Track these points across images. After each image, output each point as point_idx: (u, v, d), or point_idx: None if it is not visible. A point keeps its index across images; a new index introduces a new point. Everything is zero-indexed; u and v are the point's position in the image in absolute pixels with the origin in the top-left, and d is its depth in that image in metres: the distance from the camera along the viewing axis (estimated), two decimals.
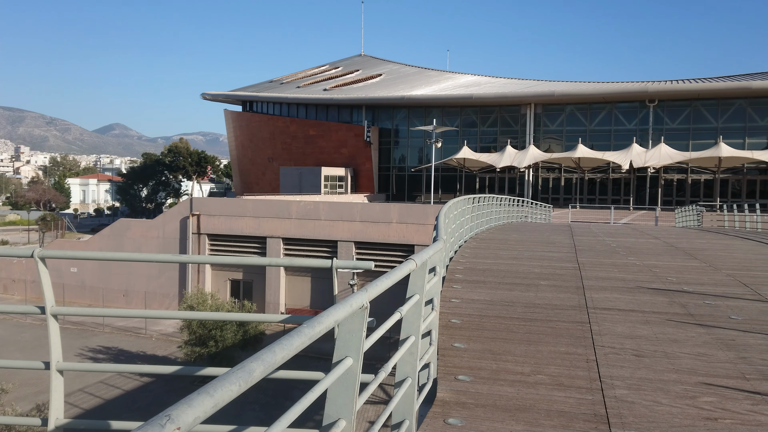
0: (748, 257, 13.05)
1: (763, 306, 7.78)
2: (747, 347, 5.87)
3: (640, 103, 51.40)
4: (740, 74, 57.77)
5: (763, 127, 48.21)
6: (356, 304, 2.51)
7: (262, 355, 1.80)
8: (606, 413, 4.24)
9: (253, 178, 68.12)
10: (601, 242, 15.55)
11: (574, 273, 10.17)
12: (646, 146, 50.25)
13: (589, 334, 6.33)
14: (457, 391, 4.64)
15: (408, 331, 3.94)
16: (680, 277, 9.92)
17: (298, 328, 2.10)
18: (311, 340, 2.09)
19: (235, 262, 5.15)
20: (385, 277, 3.16)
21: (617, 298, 8.15)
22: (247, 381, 1.66)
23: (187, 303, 26.75)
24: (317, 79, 76.09)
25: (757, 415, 4.21)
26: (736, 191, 49.70)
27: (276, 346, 1.89)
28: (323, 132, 61.57)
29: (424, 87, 64.77)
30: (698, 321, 6.94)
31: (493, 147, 56.12)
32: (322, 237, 33.59)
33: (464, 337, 6.12)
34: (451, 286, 8.69)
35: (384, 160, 60.89)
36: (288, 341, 1.95)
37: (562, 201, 53.33)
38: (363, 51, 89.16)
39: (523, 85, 64.20)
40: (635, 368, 5.23)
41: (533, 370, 5.15)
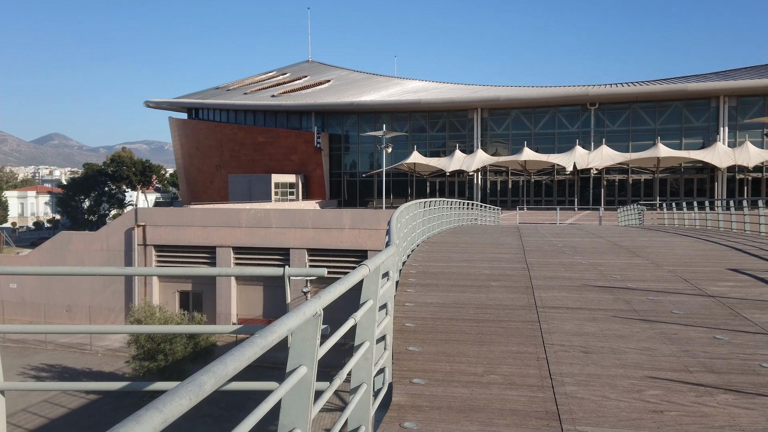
0: (687, 253, 13.57)
1: (703, 300, 8.10)
2: (689, 341, 6.10)
3: (581, 106, 52.90)
4: (676, 77, 60.18)
5: (699, 127, 50.32)
6: (309, 311, 2.49)
7: (213, 368, 1.76)
8: (557, 410, 4.34)
9: (201, 186, 66.88)
10: (548, 242, 15.90)
11: (523, 273, 10.37)
12: (589, 148, 51.73)
13: (539, 332, 6.45)
14: (412, 394, 4.66)
15: (362, 336, 3.94)
16: (624, 275, 10.23)
17: (250, 339, 2.07)
18: (264, 350, 2.06)
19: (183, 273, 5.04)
20: (339, 284, 3.15)
21: (565, 297, 8.34)
22: (197, 394, 1.63)
23: (134, 317, 26.01)
24: (265, 85, 75.37)
25: (701, 406, 4.37)
26: (674, 190, 51.67)
27: (227, 357, 1.86)
28: (272, 139, 60.99)
29: (372, 93, 64.99)
30: (642, 317, 7.17)
31: (443, 151, 56.75)
32: (273, 245, 33.21)
33: (418, 340, 6.16)
34: (404, 290, 8.72)
35: (335, 166, 60.75)
36: (240, 352, 1.92)
37: (510, 203, 54.32)
38: (310, 57, 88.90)
39: (469, 90, 65.22)
40: (584, 365, 5.36)
41: (486, 370, 5.22)
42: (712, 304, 7.84)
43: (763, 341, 6.05)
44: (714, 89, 48.94)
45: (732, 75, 55.13)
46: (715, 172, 48.99)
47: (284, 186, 57.21)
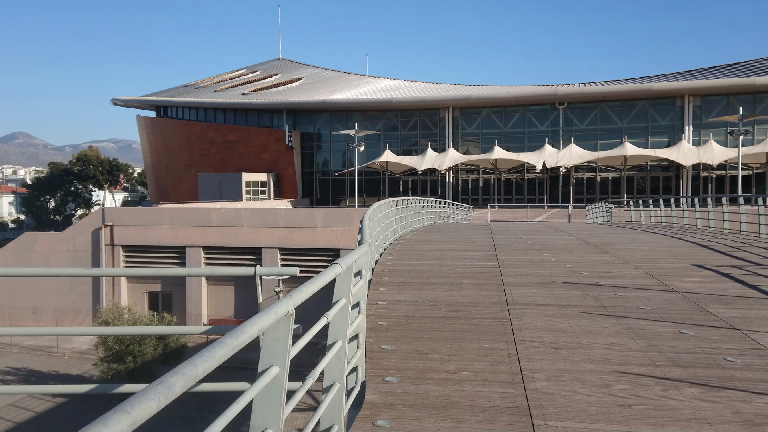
0: (653, 250, 13.84)
1: (669, 296, 8.27)
2: (656, 335, 6.22)
3: (551, 105, 53.56)
4: (642, 76, 61.30)
5: (665, 126, 51.34)
6: (281, 311, 2.48)
7: (183, 369, 1.74)
8: (528, 405, 4.39)
9: (170, 185, 65.96)
10: (518, 240, 16.07)
11: (494, 271, 10.46)
12: (558, 147, 52.41)
13: (510, 329, 6.52)
14: (385, 392, 4.66)
15: (335, 335, 3.93)
16: (593, 271, 10.39)
17: (220, 339, 2.05)
18: (235, 350, 2.04)
19: (152, 274, 4.97)
20: (311, 283, 3.14)
21: (535, 294, 8.44)
22: (167, 396, 1.61)
23: (101, 318, 25.56)
24: (235, 83, 74.64)
25: (668, 400, 4.47)
26: (641, 188, 52.65)
27: (197, 358, 1.84)
28: (243, 137, 60.44)
29: (344, 91, 64.85)
30: (610, 312, 7.29)
31: (415, 150, 56.92)
32: (245, 244, 32.93)
33: (391, 338, 6.17)
34: (377, 289, 8.73)
35: (307, 164, 60.47)
36: (210, 353, 1.90)
37: (481, 201, 54.75)
38: (281, 55, 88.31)
39: (441, 89, 65.51)
40: (554, 360, 5.43)
41: (458, 367, 5.25)
42: (678, 299, 8.01)
43: (728, 335, 6.21)
44: (679, 89, 49.99)
45: (696, 75, 56.39)
46: (681, 170, 50.06)
47: (255, 185, 56.75)
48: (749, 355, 5.51)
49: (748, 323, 6.66)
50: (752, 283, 9.04)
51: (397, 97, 58.02)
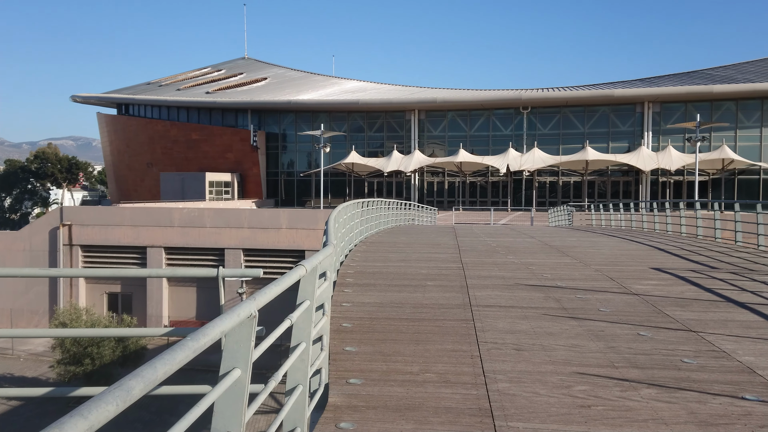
0: (613, 253, 14.13)
1: (628, 298, 8.45)
2: (615, 337, 6.35)
3: (515, 110, 54.27)
4: (604, 83, 62.60)
5: (625, 132, 52.51)
6: (244, 313, 2.45)
7: (142, 372, 1.71)
8: (490, 407, 4.43)
9: (131, 184, 64.67)
10: (482, 242, 16.23)
11: (458, 273, 10.54)
12: (521, 151, 53.13)
13: (473, 331, 6.58)
14: (348, 394, 4.65)
15: (299, 337, 3.91)
16: (554, 274, 10.56)
17: (181, 341, 2.02)
18: (196, 353, 2.01)
19: (112, 275, 4.86)
20: (275, 285, 3.12)
21: (498, 296, 8.54)
22: (125, 400, 1.57)
23: (58, 320, 24.89)
24: (199, 81, 73.61)
25: (626, 400, 4.56)
26: (602, 192, 53.73)
27: (157, 361, 1.81)
28: (207, 136, 59.64)
29: (310, 92, 64.57)
30: (571, 314, 7.42)
31: (381, 152, 57.00)
32: (208, 245, 32.47)
33: (355, 340, 6.16)
34: (342, 290, 8.71)
35: (272, 165, 59.99)
36: (170, 355, 1.87)
37: (446, 203, 55.13)
38: (246, 54, 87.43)
39: (407, 91, 65.75)
40: (516, 362, 5.50)
41: (422, 368, 5.28)
42: (636, 301, 8.20)
43: (684, 337, 6.37)
44: (639, 95, 51.21)
45: (656, 82, 57.83)
46: (640, 175, 51.25)
47: (219, 185, 56.04)
48: (704, 357, 5.66)
49: (704, 325, 6.86)
50: (708, 286, 9.31)
51: (364, 99, 58.02)
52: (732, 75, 54.99)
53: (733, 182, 50.61)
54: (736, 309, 7.75)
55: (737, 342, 6.15)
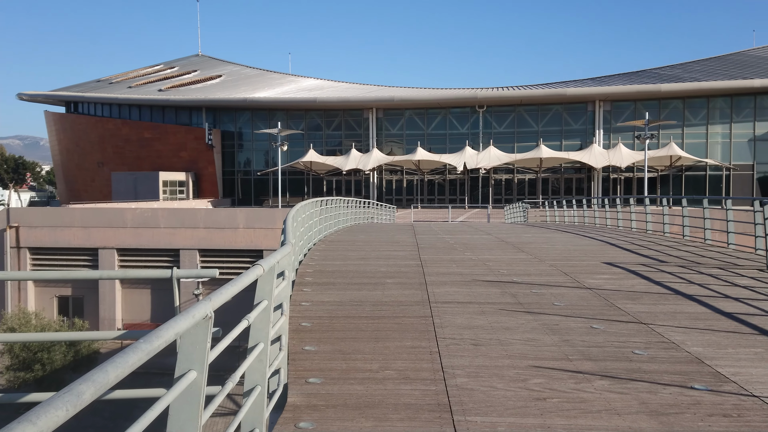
0: (567, 248, 14.44)
1: (581, 292, 8.65)
2: (569, 330, 6.50)
3: (471, 108, 54.88)
4: (557, 82, 63.85)
5: (577, 130, 53.69)
6: (199, 314, 2.42)
7: (93, 376, 1.67)
8: (448, 402, 4.48)
9: (81, 184, 62.85)
10: (441, 240, 16.36)
11: (417, 270, 10.61)
12: (478, 149, 53.77)
13: (432, 327, 6.63)
14: (308, 394, 4.64)
15: (256, 338, 3.87)
16: (510, 269, 10.73)
17: (134, 344, 1.98)
18: (149, 355, 1.97)
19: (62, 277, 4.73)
20: (231, 285, 3.08)
21: (456, 292, 8.62)
22: (75, 405, 1.53)
23: (6, 325, 24.05)
24: (151, 79, 71.99)
25: (580, 392, 4.67)
26: (555, 189, 54.83)
27: (108, 364, 1.76)
28: (160, 135, 58.40)
29: (266, 89, 63.89)
30: (527, 309, 7.55)
31: (339, 150, 56.85)
32: (162, 246, 31.81)
33: (315, 339, 6.14)
34: (301, 290, 8.66)
35: (228, 163, 59.14)
36: (122, 359, 1.83)
37: (405, 201, 55.37)
38: (200, 51, 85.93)
39: (364, 90, 65.74)
40: (473, 357, 5.57)
41: (381, 366, 5.30)
42: (589, 295, 8.40)
43: (635, 329, 6.56)
44: (590, 94, 52.43)
45: (607, 81, 59.28)
46: (592, 172, 52.48)
47: (173, 184, 54.97)
48: (655, 348, 5.84)
49: (654, 317, 7.07)
50: (657, 280, 9.60)
51: (321, 97, 57.76)
52: (679, 74, 56.83)
53: (680, 178, 52.33)
54: (684, 301, 8.02)
55: (686, 333, 6.36)
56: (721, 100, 51.03)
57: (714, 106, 51.26)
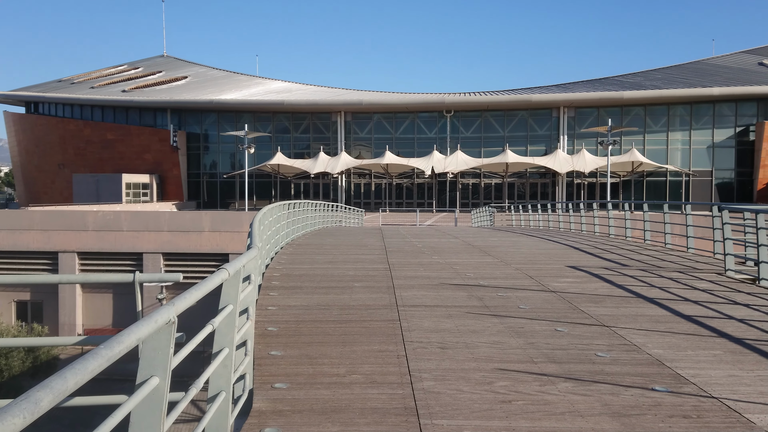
0: (532, 252, 14.63)
1: (546, 295, 8.77)
2: (534, 333, 6.58)
3: (438, 113, 55.25)
4: (522, 88, 64.71)
5: (542, 135, 54.50)
6: (162, 319, 2.38)
7: (51, 382, 1.62)
8: (415, 405, 4.48)
9: (41, 186, 61.26)
10: (408, 243, 16.41)
11: (385, 273, 10.61)
12: (445, 153, 54.15)
13: (399, 331, 6.64)
14: (273, 399, 4.59)
15: (221, 343, 3.82)
16: (477, 273, 10.82)
17: (94, 350, 1.93)
18: (110, 361, 1.93)
19: (20, 281, 4.59)
20: (195, 289, 3.04)
21: (424, 295, 8.66)
22: (32, 412, 1.49)
23: None
24: (115, 79, 70.64)
25: (545, 395, 4.73)
26: (521, 193, 55.52)
27: (67, 371, 1.72)
28: (123, 136, 57.33)
29: (233, 91, 63.28)
30: (493, 312, 7.62)
31: (307, 153, 56.60)
32: (124, 249, 31.19)
33: (281, 344, 6.09)
34: (267, 294, 8.59)
35: (193, 166, 58.34)
36: (82, 365, 1.78)
37: (373, 205, 55.38)
38: (165, 51, 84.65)
39: (333, 93, 65.62)
40: (440, 360, 5.60)
41: (348, 370, 5.28)
42: (553, 298, 8.52)
43: (598, 332, 6.68)
44: (555, 100, 53.30)
45: (571, 88, 60.31)
46: (556, 177, 53.31)
47: (137, 186, 53.99)
48: (617, 351, 5.95)
49: (616, 320, 7.20)
50: (619, 283, 9.79)
51: (289, 100, 57.45)
52: (640, 82, 58.16)
53: (642, 184, 53.51)
54: (645, 304, 8.19)
55: (647, 336, 6.50)
56: (681, 107, 52.40)
57: (674, 114, 52.60)
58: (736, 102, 51.48)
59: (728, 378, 5.13)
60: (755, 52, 65.94)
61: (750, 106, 51.60)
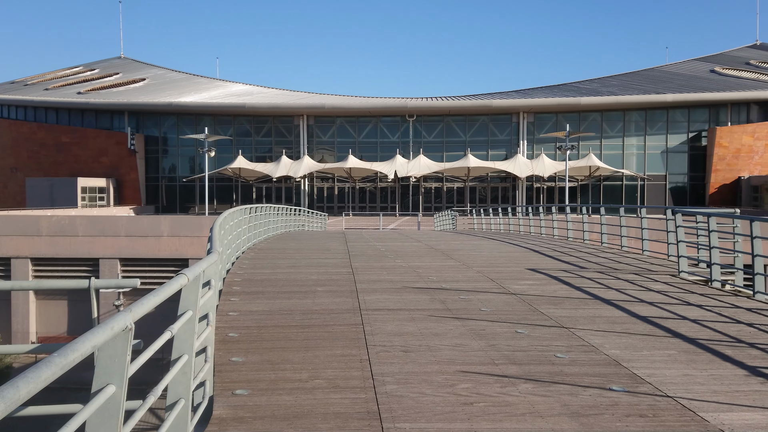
0: (493, 255, 14.80)
1: (507, 298, 8.88)
2: (495, 335, 6.65)
3: (401, 117, 55.50)
4: (483, 93, 65.51)
5: (503, 140, 55.25)
6: (118, 326, 2.32)
7: (3, 391, 1.57)
8: (378, 409, 4.48)
9: None
10: (372, 247, 16.42)
11: (348, 278, 10.59)
12: (408, 157, 54.41)
13: (362, 335, 6.63)
14: (234, 406, 4.53)
15: (181, 349, 3.75)
16: (439, 276, 10.89)
17: (48, 358, 1.88)
18: (64, 369, 1.88)
19: None
20: (153, 295, 2.98)
21: (387, 299, 8.67)
22: None
23: None
24: (70, 81, 68.88)
25: (506, 396, 4.79)
26: (482, 197, 56.15)
27: (19, 380, 1.67)
28: (79, 139, 55.89)
29: (193, 94, 62.36)
30: (455, 315, 7.68)
31: (269, 157, 56.12)
32: (80, 255, 30.39)
33: (242, 350, 6.02)
34: (228, 299, 8.48)
35: (152, 169, 57.24)
36: (34, 373, 1.73)
37: (336, 209, 55.24)
38: (123, 53, 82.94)
39: (295, 96, 65.27)
40: (403, 363, 5.61)
41: (311, 375, 5.25)
42: (514, 301, 8.63)
43: (557, 334, 6.79)
44: (515, 106, 54.14)
45: (530, 93, 61.34)
46: (517, 181, 54.09)
47: (93, 190, 52.68)
48: (576, 352, 6.06)
49: (575, 322, 7.34)
50: (578, 285, 9.98)
51: (250, 103, 56.91)
52: (597, 88, 59.52)
53: (599, 188, 54.71)
54: (603, 306, 8.37)
55: (604, 337, 6.64)
56: (636, 113, 53.81)
57: (630, 119, 53.98)
58: (688, 108, 53.15)
59: (682, 377, 5.27)
60: (707, 59, 68.21)
61: (702, 113, 53.33)
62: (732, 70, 61.52)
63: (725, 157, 50.91)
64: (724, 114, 52.85)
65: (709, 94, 52.51)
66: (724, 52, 70.12)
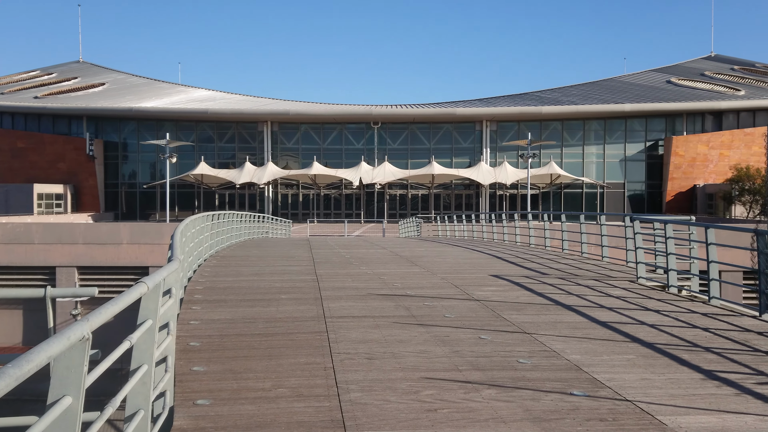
0: (457, 262, 14.91)
1: (471, 304, 8.95)
2: (459, 341, 6.69)
3: (366, 124, 55.61)
4: (447, 101, 66.11)
5: (466, 148, 55.83)
6: (75, 336, 2.27)
7: None
8: (342, 417, 4.47)
9: None
10: (336, 254, 16.37)
11: (312, 285, 10.54)
12: (373, 164, 54.52)
13: (326, 342, 6.60)
14: (195, 416, 4.46)
15: (140, 359, 3.68)
16: (404, 283, 10.92)
17: (1, 369, 1.82)
18: (18, 381, 1.82)
19: None
20: (111, 304, 2.92)
21: (351, 306, 8.65)
22: None
23: None
24: (26, 85, 67.03)
25: (470, 402, 4.82)
26: (447, 204, 56.58)
27: None
28: (35, 144, 54.39)
29: (154, 99, 61.34)
30: (419, 321, 7.70)
31: (232, 163, 55.53)
32: (36, 263, 29.53)
33: (204, 359, 5.93)
34: (189, 308, 8.34)
35: (111, 176, 56.03)
36: None
37: (301, 216, 54.92)
38: (81, 57, 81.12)
39: (259, 102, 64.78)
40: (367, 371, 5.60)
41: (274, 384, 5.20)
42: (477, 307, 8.71)
43: (520, 339, 6.87)
44: (478, 114, 54.82)
45: (493, 102, 62.17)
46: (480, 189, 54.68)
47: (50, 197, 51.28)
48: (538, 357, 6.14)
49: (537, 327, 7.44)
50: (539, 291, 10.12)
51: (213, 108, 56.27)
52: (558, 97, 60.67)
53: (560, 195, 55.69)
54: (564, 311, 8.51)
55: (565, 342, 6.75)
56: (595, 122, 55.02)
57: (589, 128, 55.16)
58: (646, 118, 54.60)
59: (641, 381, 5.39)
60: (664, 70, 70.18)
61: (659, 122, 54.84)
62: (688, 81, 63.42)
63: (681, 165, 52.40)
64: (680, 124, 54.44)
65: (665, 105, 54.03)
66: (681, 63, 72.25)
